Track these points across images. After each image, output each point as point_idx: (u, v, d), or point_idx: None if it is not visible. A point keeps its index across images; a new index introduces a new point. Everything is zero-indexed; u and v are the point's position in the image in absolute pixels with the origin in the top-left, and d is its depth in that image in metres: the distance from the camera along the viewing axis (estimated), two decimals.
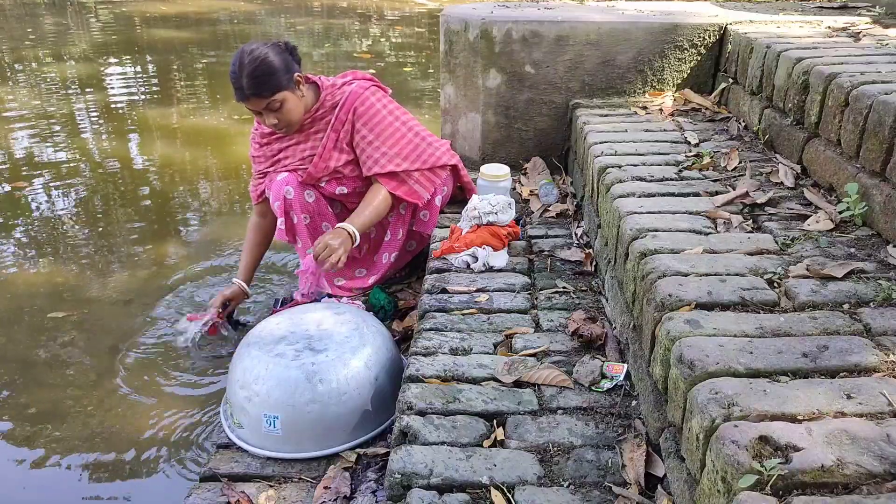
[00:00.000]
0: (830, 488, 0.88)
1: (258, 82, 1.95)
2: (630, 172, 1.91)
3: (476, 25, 2.62)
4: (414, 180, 2.22)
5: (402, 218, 2.30)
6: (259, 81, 1.95)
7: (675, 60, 2.60)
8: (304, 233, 2.21)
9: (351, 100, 2.14)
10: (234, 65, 1.96)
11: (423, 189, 2.24)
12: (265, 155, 2.23)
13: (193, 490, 1.52)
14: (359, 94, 2.15)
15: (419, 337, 1.70)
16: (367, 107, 2.15)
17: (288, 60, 2.02)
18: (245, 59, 1.94)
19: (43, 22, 8.40)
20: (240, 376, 1.66)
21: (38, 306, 2.56)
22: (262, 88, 1.96)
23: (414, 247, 2.40)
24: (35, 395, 2.10)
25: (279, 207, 2.16)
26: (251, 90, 1.96)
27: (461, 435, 1.36)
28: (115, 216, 3.31)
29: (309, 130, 2.16)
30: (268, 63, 1.95)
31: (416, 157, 2.22)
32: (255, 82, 1.94)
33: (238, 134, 4.43)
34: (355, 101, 2.14)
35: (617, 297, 1.70)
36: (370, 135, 2.15)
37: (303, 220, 2.19)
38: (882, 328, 1.19)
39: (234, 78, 1.96)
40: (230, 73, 1.98)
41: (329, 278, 2.27)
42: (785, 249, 1.48)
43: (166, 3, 9.43)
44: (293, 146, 2.19)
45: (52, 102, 5.12)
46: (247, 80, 1.94)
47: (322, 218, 2.23)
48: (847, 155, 1.67)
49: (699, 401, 1.03)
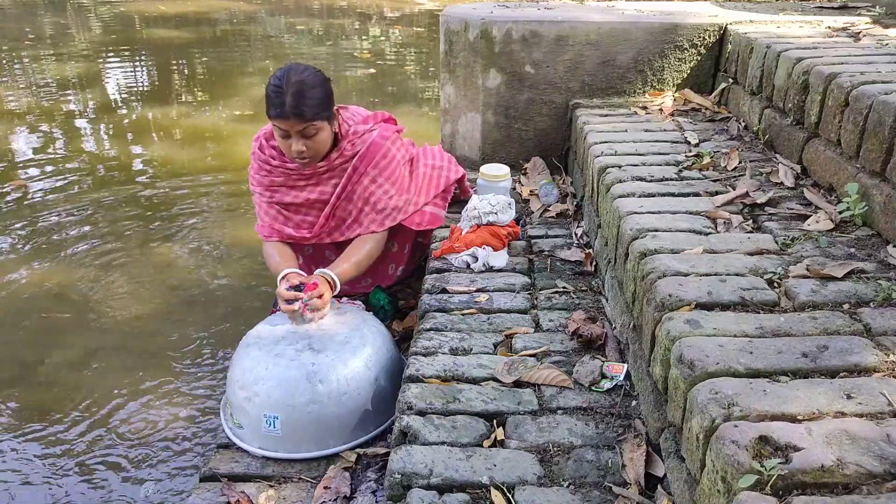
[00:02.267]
0: (830, 488, 0.88)
1: (304, 103, 1.82)
2: (630, 172, 1.91)
3: (476, 25, 2.62)
4: (429, 210, 2.27)
5: (408, 233, 2.29)
6: (305, 103, 1.82)
7: (675, 60, 2.60)
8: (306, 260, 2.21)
9: (372, 151, 2.04)
10: (280, 80, 1.82)
11: (438, 216, 2.30)
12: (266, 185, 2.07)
13: (193, 490, 1.52)
14: (380, 144, 2.06)
15: (419, 337, 1.70)
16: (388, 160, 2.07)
17: (331, 91, 1.93)
18: (293, 76, 1.82)
19: (42, 21, 8.40)
20: (240, 376, 1.66)
21: (36, 306, 2.56)
22: (306, 110, 1.83)
23: (417, 255, 2.41)
24: (35, 396, 2.10)
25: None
26: (294, 109, 1.81)
27: (461, 435, 1.36)
28: (113, 215, 3.31)
29: (321, 175, 2.03)
30: (317, 87, 1.85)
31: (435, 186, 2.29)
32: (300, 102, 1.81)
33: (238, 133, 4.43)
34: (376, 154, 2.05)
35: (617, 297, 1.70)
36: (386, 183, 2.08)
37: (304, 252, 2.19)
38: (882, 328, 1.19)
39: (275, 93, 1.82)
40: (272, 86, 1.83)
41: None
42: (785, 249, 1.48)
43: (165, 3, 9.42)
44: (300, 186, 2.04)
45: (52, 102, 5.12)
46: (292, 98, 1.80)
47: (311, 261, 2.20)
48: (847, 155, 1.67)
49: (699, 401, 1.03)
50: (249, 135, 2.29)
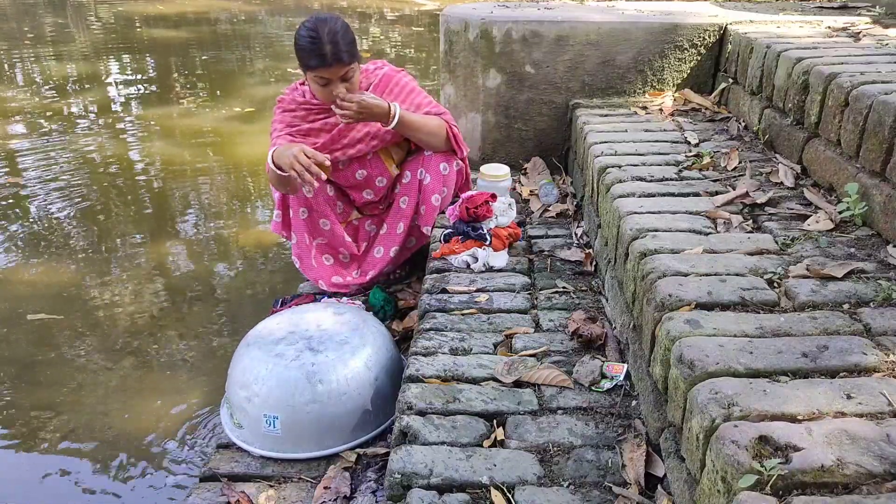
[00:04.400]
0: (830, 488, 0.88)
1: (342, 49, 1.96)
2: (630, 172, 1.91)
3: (476, 25, 2.62)
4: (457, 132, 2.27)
5: (402, 212, 2.29)
6: (343, 48, 1.97)
7: (675, 60, 2.60)
8: (301, 228, 2.19)
9: (385, 80, 2.20)
10: (313, 31, 1.94)
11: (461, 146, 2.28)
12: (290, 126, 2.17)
13: (193, 490, 1.52)
14: (392, 75, 2.22)
15: (419, 337, 1.70)
16: (402, 85, 2.22)
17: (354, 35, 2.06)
18: (326, 26, 1.95)
19: (42, 21, 8.40)
20: (240, 376, 1.67)
21: (36, 306, 2.56)
22: (345, 56, 1.97)
23: (413, 243, 2.39)
24: (35, 396, 2.10)
25: (278, 199, 2.15)
26: (334, 56, 1.95)
27: (461, 435, 1.36)
28: (113, 216, 3.31)
29: None
30: (349, 32, 2.00)
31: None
32: (338, 49, 1.95)
33: (238, 133, 4.42)
34: (390, 81, 2.21)
35: (617, 297, 1.70)
36: (406, 101, 2.21)
37: (300, 215, 2.17)
38: (882, 328, 1.19)
39: (314, 44, 1.94)
40: (307, 38, 1.95)
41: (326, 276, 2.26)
42: (785, 249, 1.48)
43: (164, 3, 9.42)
44: (322, 119, 2.16)
45: (51, 101, 5.12)
46: (331, 46, 1.94)
47: (320, 215, 2.22)
48: (847, 155, 1.67)
49: (699, 401, 1.03)
50: (249, 134, 2.30)
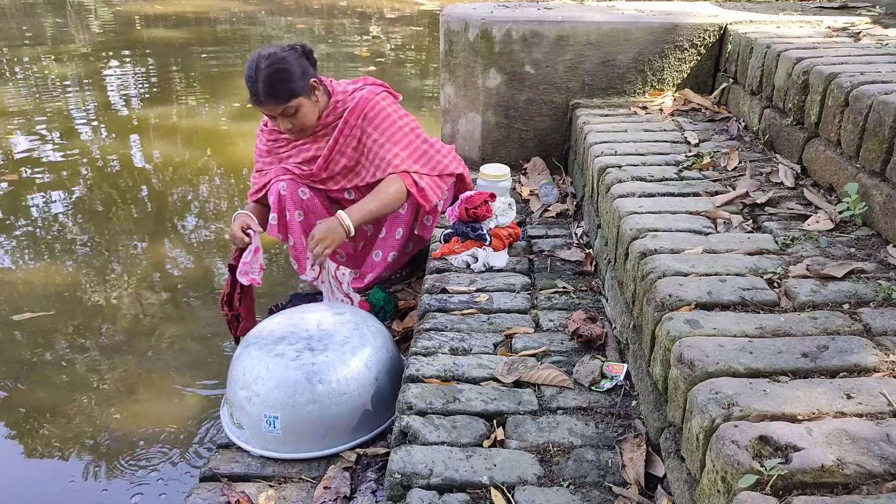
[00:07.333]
0: (830, 488, 0.88)
1: (274, 88, 1.93)
2: (630, 172, 1.91)
3: (476, 25, 2.62)
4: (425, 183, 2.21)
5: (400, 218, 2.29)
6: (275, 88, 1.93)
7: (675, 60, 2.60)
8: (298, 230, 2.19)
9: (361, 105, 2.12)
10: (251, 69, 1.94)
11: (433, 194, 2.23)
12: (270, 151, 2.22)
13: (193, 490, 1.52)
14: (369, 99, 2.13)
15: (419, 337, 1.70)
16: (377, 111, 2.14)
17: (304, 65, 2.01)
18: (262, 63, 1.92)
19: (41, 21, 8.40)
20: (240, 376, 1.66)
21: (36, 306, 2.56)
22: (278, 94, 1.94)
23: (411, 248, 2.39)
24: (35, 396, 2.10)
25: (273, 203, 2.15)
26: (267, 96, 1.94)
27: (461, 435, 1.36)
28: (112, 216, 3.31)
29: (317, 134, 2.14)
30: (284, 69, 1.94)
31: (425, 163, 2.21)
32: (271, 88, 1.93)
33: (237, 133, 4.42)
34: (365, 106, 2.13)
35: (617, 297, 1.70)
36: (381, 138, 2.13)
37: (296, 217, 2.18)
38: (882, 328, 1.19)
39: (250, 82, 1.95)
40: (246, 76, 1.96)
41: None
42: (785, 249, 1.48)
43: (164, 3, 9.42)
44: (300, 146, 2.17)
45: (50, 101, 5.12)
46: (262, 85, 1.92)
47: (316, 216, 2.22)
48: (847, 155, 1.67)
49: (699, 401, 1.03)
50: (249, 134, 2.31)
